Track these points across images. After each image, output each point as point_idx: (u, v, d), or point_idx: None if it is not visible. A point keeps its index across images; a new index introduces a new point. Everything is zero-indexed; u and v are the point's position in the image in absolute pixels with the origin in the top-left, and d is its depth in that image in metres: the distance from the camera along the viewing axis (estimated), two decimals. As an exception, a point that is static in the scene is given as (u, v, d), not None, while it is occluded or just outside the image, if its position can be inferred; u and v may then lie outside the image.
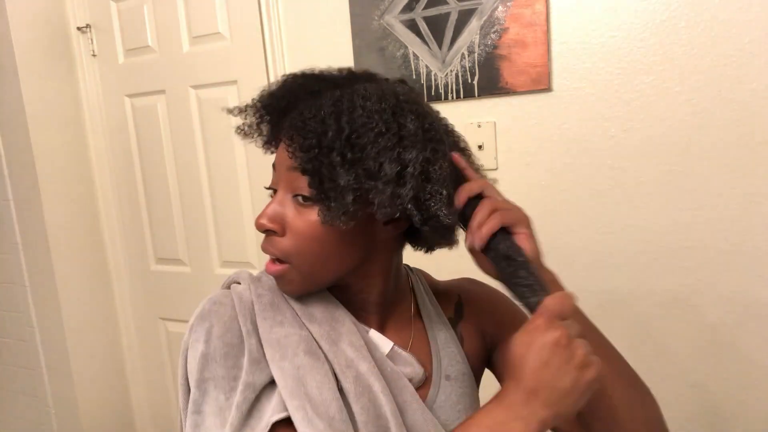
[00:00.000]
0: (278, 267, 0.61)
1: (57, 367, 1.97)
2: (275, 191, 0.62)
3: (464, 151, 0.66)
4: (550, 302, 0.52)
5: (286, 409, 0.55)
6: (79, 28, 1.88)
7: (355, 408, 0.57)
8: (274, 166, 0.62)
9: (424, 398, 0.65)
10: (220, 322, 0.60)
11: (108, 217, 2.00)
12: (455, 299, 0.75)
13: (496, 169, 1.36)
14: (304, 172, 0.55)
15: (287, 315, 0.63)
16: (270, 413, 0.55)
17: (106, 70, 1.89)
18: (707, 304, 1.22)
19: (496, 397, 0.51)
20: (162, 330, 2.02)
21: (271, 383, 0.58)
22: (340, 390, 0.58)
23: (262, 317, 0.62)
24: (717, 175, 1.17)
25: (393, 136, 0.54)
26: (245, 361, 0.58)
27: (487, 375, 0.78)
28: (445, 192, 0.56)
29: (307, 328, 0.62)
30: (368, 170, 0.54)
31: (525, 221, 0.62)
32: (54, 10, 1.84)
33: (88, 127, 1.94)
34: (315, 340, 0.61)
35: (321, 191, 0.55)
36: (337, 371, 0.59)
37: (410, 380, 0.64)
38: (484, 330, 0.74)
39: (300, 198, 0.58)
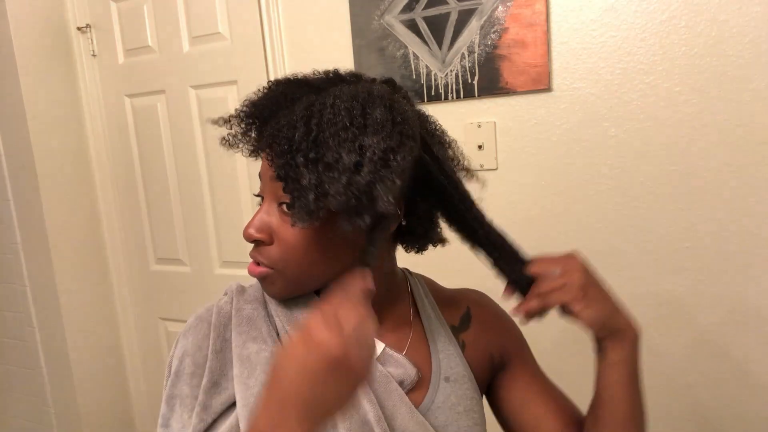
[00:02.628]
0: (260, 269, 0.61)
1: (57, 367, 1.97)
2: (263, 199, 0.62)
3: (453, 153, 0.67)
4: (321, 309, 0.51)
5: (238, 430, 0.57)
6: (79, 28, 1.88)
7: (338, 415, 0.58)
8: (260, 175, 0.62)
9: (421, 400, 0.65)
10: (195, 341, 0.63)
11: (108, 217, 2.00)
12: (463, 309, 0.74)
13: (496, 169, 1.36)
14: (278, 178, 0.55)
15: (263, 330, 0.64)
16: None
17: (106, 70, 1.89)
18: (707, 304, 1.22)
19: (263, 401, 0.48)
20: (162, 330, 2.02)
21: (232, 405, 0.60)
22: None
23: (237, 332, 0.63)
24: (717, 175, 1.17)
25: (357, 127, 0.52)
26: (204, 383, 0.61)
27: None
28: (397, 181, 0.52)
29: (280, 343, 0.63)
30: (328, 164, 0.52)
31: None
32: (54, 10, 1.84)
33: (88, 127, 1.94)
34: None
35: (290, 195, 0.54)
36: None
37: (401, 382, 0.63)
38: (490, 350, 0.73)
39: (284, 206, 0.59)
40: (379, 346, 0.65)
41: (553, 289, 0.61)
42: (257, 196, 0.64)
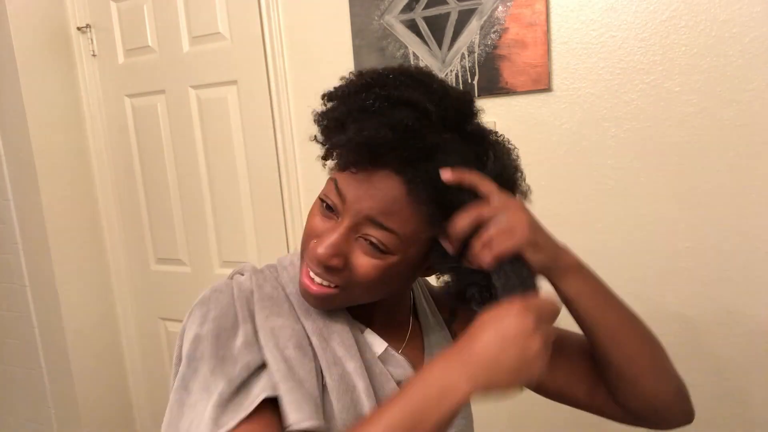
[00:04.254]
0: (326, 290, 0.59)
1: (57, 367, 1.97)
2: (331, 209, 0.59)
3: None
4: (536, 298, 0.54)
5: (274, 390, 0.55)
6: (79, 28, 1.88)
7: (337, 406, 0.58)
8: (341, 189, 0.57)
9: None
10: (218, 308, 0.60)
11: (108, 217, 2.00)
12: (450, 303, 0.75)
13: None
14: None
15: (284, 308, 0.63)
16: (258, 391, 0.55)
17: (106, 70, 1.89)
18: (707, 304, 1.22)
19: (449, 351, 0.52)
20: (162, 330, 2.02)
21: (262, 367, 0.58)
22: (324, 387, 0.59)
23: (259, 306, 0.62)
24: (717, 175, 1.17)
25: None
26: (239, 342, 0.58)
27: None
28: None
29: (301, 323, 0.62)
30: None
31: (526, 238, 0.57)
32: (54, 10, 1.84)
33: (88, 127, 1.94)
34: (307, 335, 0.62)
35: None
36: (324, 367, 0.60)
37: (399, 383, 0.64)
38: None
39: (369, 244, 0.57)
40: (382, 345, 0.66)
41: (499, 233, 0.56)
42: (325, 205, 0.59)
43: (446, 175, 0.54)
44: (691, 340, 1.24)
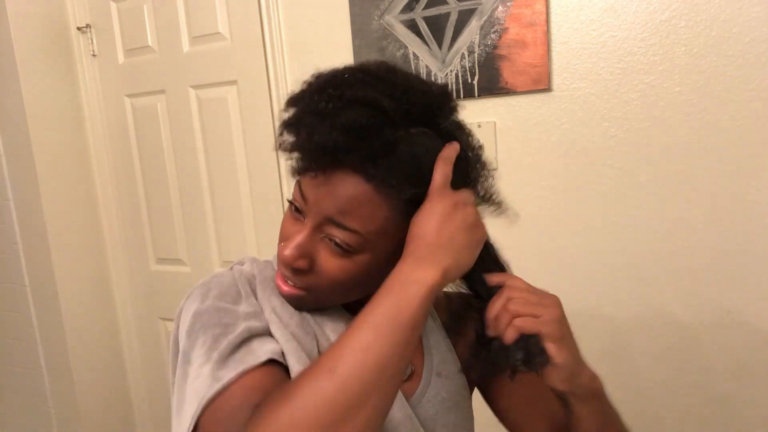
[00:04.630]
0: (293, 290, 0.60)
1: (57, 367, 1.96)
2: (298, 211, 0.59)
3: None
4: (439, 172, 0.56)
5: (282, 357, 0.56)
6: (79, 28, 1.88)
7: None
8: (305, 192, 0.57)
9: (412, 391, 0.66)
10: (219, 286, 0.62)
11: (108, 217, 2.00)
12: (453, 307, 0.75)
13: (496, 169, 1.36)
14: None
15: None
16: (263, 352, 0.55)
17: (106, 70, 1.89)
18: (707, 305, 1.22)
19: (404, 256, 0.54)
20: (162, 330, 2.02)
21: (267, 334, 0.59)
22: None
23: (261, 287, 0.64)
24: (717, 175, 1.17)
25: None
26: (242, 310, 0.59)
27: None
28: None
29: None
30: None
31: (553, 332, 0.56)
32: (54, 10, 1.84)
33: (88, 127, 1.94)
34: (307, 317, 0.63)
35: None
36: (320, 351, 0.61)
37: None
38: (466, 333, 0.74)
39: (335, 245, 0.56)
40: None
41: (524, 313, 0.55)
42: (294, 208, 0.59)
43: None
44: (691, 340, 1.24)
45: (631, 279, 1.27)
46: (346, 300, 0.64)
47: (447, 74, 1.37)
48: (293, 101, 0.57)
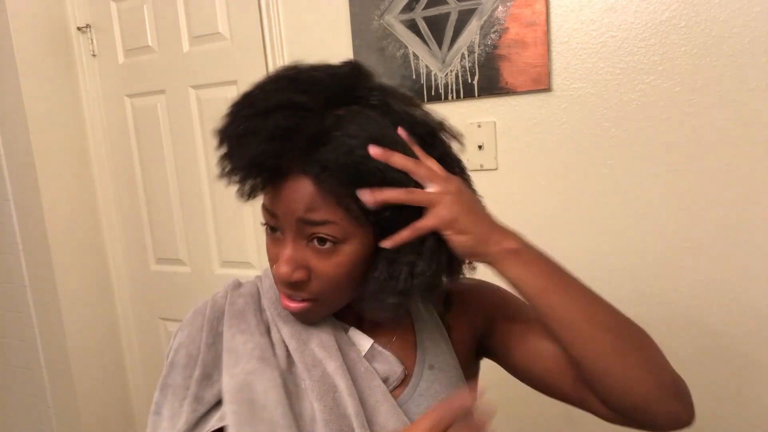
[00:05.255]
0: (302, 305, 0.61)
1: (57, 367, 1.97)
2: (274, 230, 0.60)
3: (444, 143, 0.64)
4: (439, 409, 0.50)
5: (222, 420, 0.59)
6: (79, 28, 1.88)
7: (318, 406, 0.59)
8: (269, 208, 0.59)
9: (404, 388, 0.66)
10: (191, 333, 0.65)
11: (108, 217, 2.00)
12: (444, 292, 0.75)
13: (496, 169, 1.36)
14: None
15: (251, 323, 0.65)
16: (212, 423, 0.59)
17: (106, 70, 1.89)
18: (707, 305, 1.22)
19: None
20: (162, 330, 2.02)
21: (220, 401, 0.62)
22: (303, 390, 0.61)
23: (227, 325, 0.65)
24: (717, 175, 1.17)
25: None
26: (196, 374, 0.62)
27: (490, 369, 0.78)
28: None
29: (268, 335, 0.64)
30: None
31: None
32: (54, 10, 1.84)
33: (88, 127, 1.94)
34: (282, 341, 0.64)
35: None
36: (302, 369, 0.61)
37: (386, 379, 0.64)
38: (473, 321, 0.73)
39: (319, 242, 0.57)
40: (367, 342, 0.66)
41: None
42: (270, 229, 0.61)
43: (374, 152, 0.55)
44: (690, 340, 1.24)
45: (630, 278, 1.27)
46: (349, 298, 0.64)
47: (447, 74, 1.37)
48: (220, 135, 0.58)
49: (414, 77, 1.40)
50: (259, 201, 0.62)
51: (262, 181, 0.58)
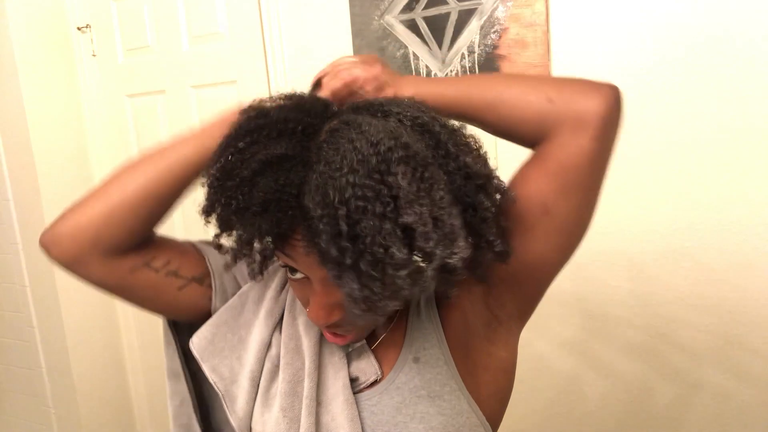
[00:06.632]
0: (347, 336, 0.61)
1: (57, 367, 1.96)
2: (295, 270, 0.57)
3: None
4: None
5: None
6: (79, 28, 1.88)
7: (282, 375, 0.64)
8: (287, 258, 0.54)
9: (380, 381, 0.65)
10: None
11: (108, 217, 2.00)
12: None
13: (496, 170, 1.36)
14: (337, 284, 0.48)
15: (277, 277, 0.72)
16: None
17: (106, 70, 1.89)
18: (707, 305, 1.22)
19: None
20: (162, 330, 2.02)
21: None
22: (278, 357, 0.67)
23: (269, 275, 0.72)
24: (717, 174, 1.17)
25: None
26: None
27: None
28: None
29: (282, 292, 0.71)
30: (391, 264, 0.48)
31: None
32: (54, 10, 1.84)
33: (88, 127, 1.94)
34: (284, 305, 0.70)
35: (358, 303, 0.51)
36: (283, 342, 0.67)
37: (356, 379, 0.64)
38: (470, 303, 0.69)
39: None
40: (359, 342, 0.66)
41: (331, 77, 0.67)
42: (290, 270, 0.57)
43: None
44: (691, 340, 1.24)
45: (630, 279, 1.27)
46: (388, 313, 0.66)
47: (447, 74, 1.37)
48: (208, 215, 0.57)
49: (414, 77, 1.40)
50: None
51: (270, 253, 0.54)
